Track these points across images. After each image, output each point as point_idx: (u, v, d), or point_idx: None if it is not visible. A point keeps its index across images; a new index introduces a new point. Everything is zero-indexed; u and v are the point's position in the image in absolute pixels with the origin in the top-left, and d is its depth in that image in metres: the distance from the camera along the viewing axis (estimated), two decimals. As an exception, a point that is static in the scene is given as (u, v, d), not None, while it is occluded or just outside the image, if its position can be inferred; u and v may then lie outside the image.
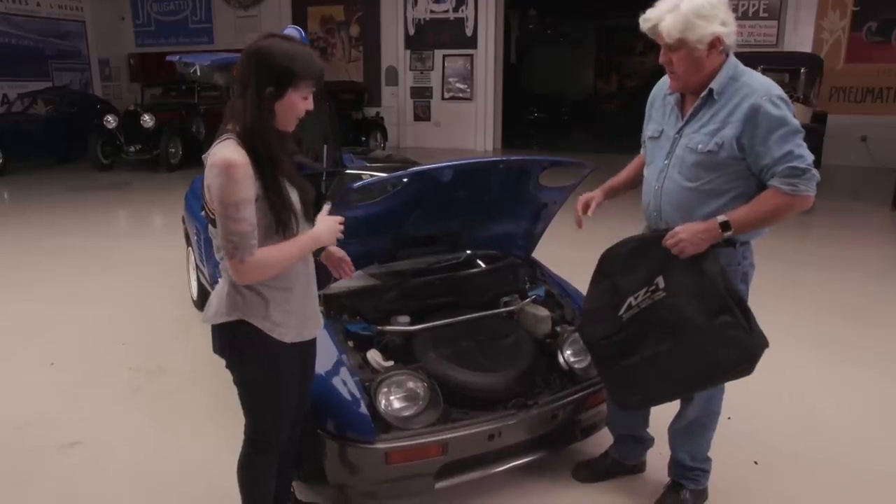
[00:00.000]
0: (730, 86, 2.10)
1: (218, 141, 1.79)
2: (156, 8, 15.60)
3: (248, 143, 1.76)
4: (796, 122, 2.05)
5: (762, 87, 2.07)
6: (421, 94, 14.11)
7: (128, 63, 15.95)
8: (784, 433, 3.11)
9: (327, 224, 1.95)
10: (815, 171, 2.04)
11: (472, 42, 13.31)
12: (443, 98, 13.92)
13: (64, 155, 11.88)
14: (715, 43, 2.05)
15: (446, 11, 13.26)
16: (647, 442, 2.70)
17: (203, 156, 1.82)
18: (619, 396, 2.36)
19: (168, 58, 3.97)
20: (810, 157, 2.04)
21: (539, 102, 20.02)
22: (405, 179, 2.45)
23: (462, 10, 13.17)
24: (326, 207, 2.04)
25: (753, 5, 10.91)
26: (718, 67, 2.11)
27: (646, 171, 2.38)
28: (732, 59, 2.13)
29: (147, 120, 10.93)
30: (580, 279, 2.80)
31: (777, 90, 2.07)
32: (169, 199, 8.37)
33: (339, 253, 2.19)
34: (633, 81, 22.31)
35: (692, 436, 2.46)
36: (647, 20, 2.11)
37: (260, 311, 1.88)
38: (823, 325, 4.51)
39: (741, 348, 2.05)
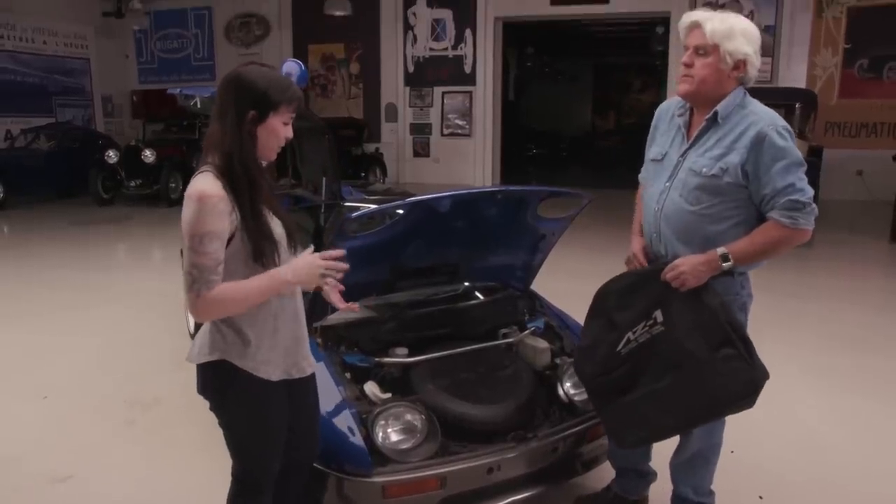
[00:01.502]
0: (736, 112, 2.12)
1: (196, 174, 1.77)
2: (159, 46, 15.85)
3: (227, 169, 1.73)
4: (799, 156, 2.07)
5: (768, 116, 2.10)
6: (420, 131, 14.24)
7: (130, 99, 16.14)
8: (788, 465, 3.07)
9: (305, 263, 1.80)
10: (814, 206, 2.06)
11: (470, 79, 13.49)
12: (442, 134, 14.04)
13: (65, 189, 11.94)
14: (739, 65, 2.10)
15: (445, 49, 13.47)
16: (650, 476, 2.65)
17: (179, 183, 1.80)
18: (618, 434, 2.31)
19: (169, 90, 4.03)
20: (811, 191, 2.06)
21: (537, 139, 20.19)
22: (403, 209, 2.46)
23: (461, 48, 13.38)
24: (310, 249, 1.91)
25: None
26: (730, 92, 2.13)
27: (645, 194, 2.38)
28: (742, 90, 2.16)
29: (148, 155, 11.01)
30: (580, 311, 2.79)
31: (782, 121, 2.10)
32: (169, 233, 8.38)
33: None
34: (630, 118, 22.57)
35: (695, 469, 2.42)
36: (691, 16, 2.14)
37: (241, 350, 1.82)
38: (825, 355, 4.48)
39: (744, 381, 2.02)
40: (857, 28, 10.75)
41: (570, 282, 3.80)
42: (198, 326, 4.73)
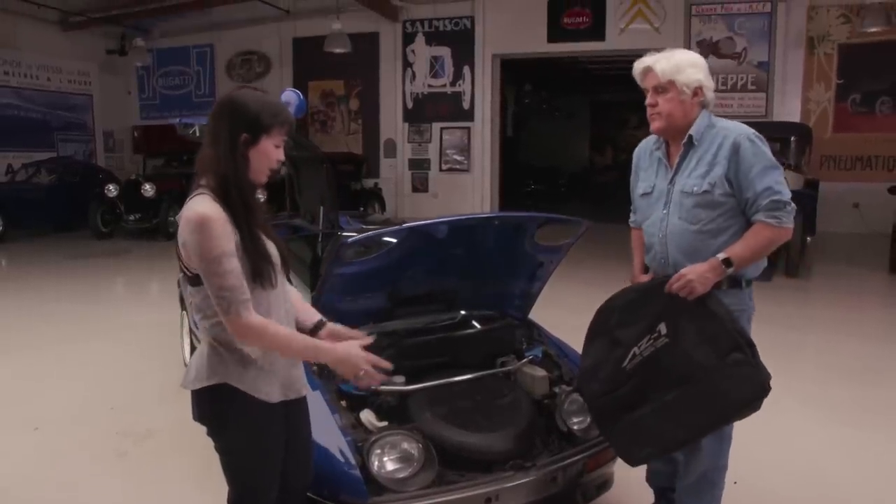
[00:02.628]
0: (707, 133, 2.28)
1: (191, 196, 1.77)
2: (161, 82, 16.05)
3: (223, 192, 1.74)
4: (773, 159, 2.21)
5: (738, 127, 2.27)
6: (419, 166, 14.32)
7: (131, 135, 16.26)
8: (792, 497, 3.02)
9: (349, 356, 1.82)
10: (793, 205, 2.20)
11: (469, 115, 13.62)
12: (440, 170, 14.12)
13: (64, 223, 11.96)
14: (697, 92, 2.27)
15: (444, 86, 13.63)
16: None
17: (177, 216, 1.80)
18: (628, 452, 2.30)
19: (170, 121, 4.07)
20: (788, 192, 2.20)
21: (536, 175, 20.33)
22: (401, 234, 2.45)
23: (459, 85, 13.54)
24: (367, 339, 1.93)
25: (742, 79, 11.24)
26: (696, 118, 2.29)
27: (645, 226, 2.46)
28: (706, 111, 2.31)
29: (148, 189, 11.05)
30: (579, 345, 2.77)
31: (751, 130, 2.24)
32: (167, 267, 8.34)
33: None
34: (627, 154, 22.73)
35: (701, 493, 2.40)
36: (642, 62, 2.31)
37: (242, 372, 1.81)
38: (824, 386, 4.45)
39: (754, 384, 2.07)
40: (848, 64, 10.92)
41: (567, 316, 3.76)
42: (194, 358, 4.65)
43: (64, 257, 9.80)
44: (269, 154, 1.83)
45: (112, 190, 11.26)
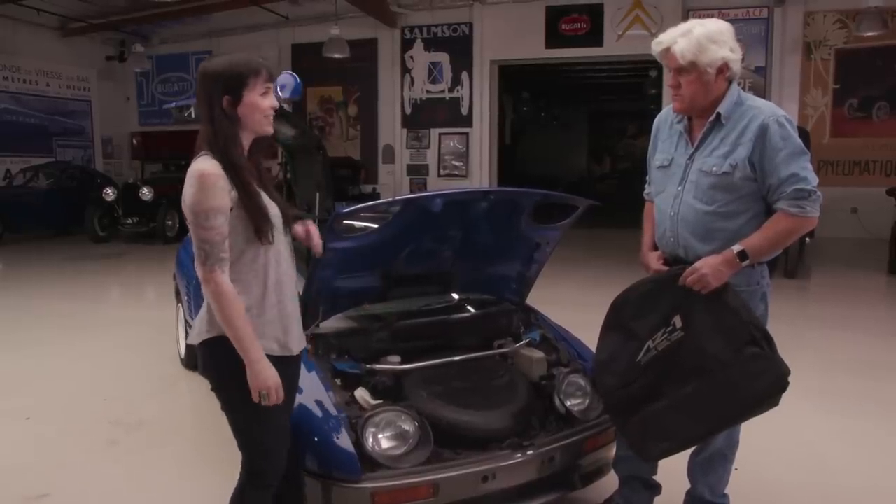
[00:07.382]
0: (736, 110, 2.16)
1: (195, 158, 1.85)
2: (160, 89, 16.04)
3: (215, 153, 1.81)
4: (801, 144, 2.10)
5: (768, 107, 2.14)
6: (417, 172, 14.31)
7: (130, 141, 16.23)
8: (793, 483, 2.99)
9: (269, 376, 1.83)
10: (819, 193, 2.08)
11: (467, 121, 13.63)
12: (439, 175, 14.10)
13: (62, 227, 11.93)
14: (723, 68, 2.13)
15: (442, 91, 13.66)
16: (655, 489, 2.55)
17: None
18: (643, 446, 2.24)
19: (165, 106, 4.05)
20: (815, 179, 2.08)
21: (534, 183, 20.24)
22: (396, 206, 2.43)
23: (458, 90, 13.56)
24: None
25: (739, 83, 11.25)
26: (723, 94, 2.17)
27: (658, 200, 2.38)
28: (735, 86, 2.19)
29: (146, 192, 11.02)
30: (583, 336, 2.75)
31: (782, 111, 2.14)
32: (163, 269, 8.30)
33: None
34: (625, 163, 22.83)
35: (714, 467, 2.38)
36: (659, 43, 2.19)
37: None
38: (826, 379, 4.42)
39: (771, 378, 2.02)
40: (845, 69, 10.94)
41: (574, 311, 3.74)
42: (189, 351, 4.61)
43: (61, 260, 9.75)
44: (258, 104, 1.87)
45: (110, 193, 11.22)
